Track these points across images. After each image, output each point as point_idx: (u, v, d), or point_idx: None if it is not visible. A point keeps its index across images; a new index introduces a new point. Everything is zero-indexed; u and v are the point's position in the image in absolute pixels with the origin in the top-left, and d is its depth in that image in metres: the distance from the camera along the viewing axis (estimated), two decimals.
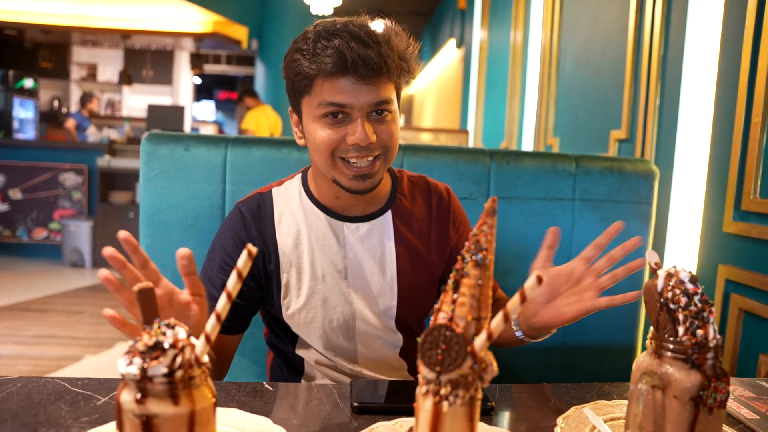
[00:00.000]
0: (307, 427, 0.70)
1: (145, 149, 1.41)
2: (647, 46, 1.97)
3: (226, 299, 0.56)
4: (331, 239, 1.09)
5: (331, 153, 1.00)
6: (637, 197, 1.52)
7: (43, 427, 0.67)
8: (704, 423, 0.62)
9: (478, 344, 0.53)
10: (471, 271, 0.55)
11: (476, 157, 1.50)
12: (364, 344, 1.12)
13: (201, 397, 0.55)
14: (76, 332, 3.76)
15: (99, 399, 0.76)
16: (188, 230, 1.40)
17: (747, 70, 1.43)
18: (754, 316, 1.40)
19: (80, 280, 5.08)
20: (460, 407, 0.54)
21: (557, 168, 1.51)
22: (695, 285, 0.65)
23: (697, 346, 0.62)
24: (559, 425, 0.71)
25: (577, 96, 2.67)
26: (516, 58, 3.71)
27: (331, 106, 0.97)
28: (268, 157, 1.42)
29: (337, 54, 0.93)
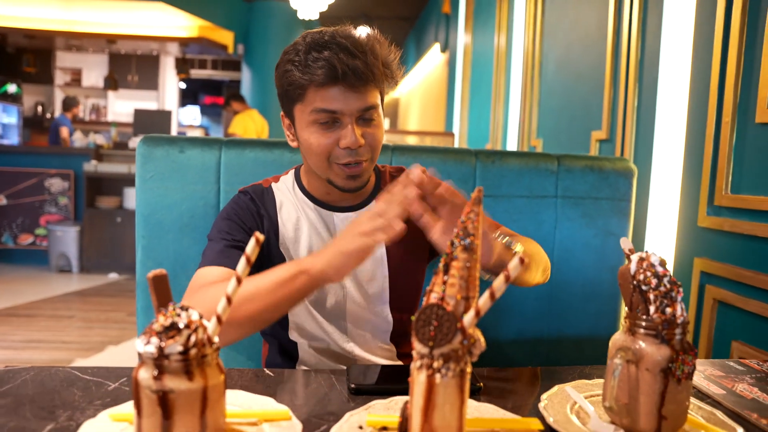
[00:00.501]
0: (308, 407, 0.75)
1: (141, 151, 1.44)
2: (625, 51, 2.05)
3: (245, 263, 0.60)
4: (322, 228, 1.17)
5: (326, 158, 1.08)
6: (616, 194, 1.59)
7: (59, 409, 0.71)
8: (673, 393, 0.68)
9: (467, 321, 0.59)
10: (460, 254, 0.60)
11: (462, 157, 1.56)
12: (355, 324, 1.18)
13: (213, 374, 0.60)
14: (65, 336, 3.76)
15: (109, 385, 0.80)
16: (183, 230, 1.44)
17: (717, 73, 1.51)
18: (726, 305, 1.47)
19: (68, 285, 5.05)
20: (451, 379, 0.59)
21: (540, 167, 1.57)
22: (664, 268, 0.71)
23: (667, 322, 0.68)
24: (543, 401, 0.77)
25: (559, 98, 2.75)
26: (500, 62, 3.78)
27: (323, 113, 1.04)
28: (260, 158, 1.47)
29: (328, 66, 1.01)
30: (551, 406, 0.76)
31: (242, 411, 0.68)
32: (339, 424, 0.66)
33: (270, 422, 0.67)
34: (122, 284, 5.21)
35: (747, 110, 1.41)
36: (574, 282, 1.58)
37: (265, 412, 0.68)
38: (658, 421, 0.68)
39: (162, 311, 0.59)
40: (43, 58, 9.45)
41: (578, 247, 1.58)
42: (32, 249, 5.75)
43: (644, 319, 0.69)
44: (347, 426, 0.66)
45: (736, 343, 1.41)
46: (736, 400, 0.85)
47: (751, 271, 1.37)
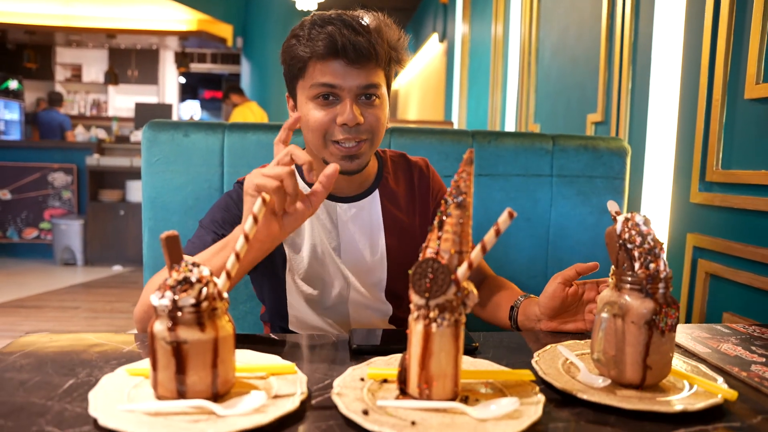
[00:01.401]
0: (313, 365, 0.79)
1: (147, 136, 1.48)
2: (619, 33, 2.07)
3: (244, 241, 0.64)
4: (325, 219, 1.17)
5: (323, 135, 1.07)
6: (610, 173, 1.62)
7: (78, 367, 0.75)
8: (657, 344, 0.72)
9: (460, 273, 0.62)
10: (453, 211, 0.64)
11: (459, 137, 1.59)
12: (357, 313, 1.20)
13: (223, 326, 0.64)
14: (72, 326, 3.81)
15: (124, 348, 0.84)
16: (188, 212, 1.48)
17: (708, 52, 1.54)
18: (718, 278, 1.50)
19: (72, 278, 5.10)
20: (446, 328, 0.63)
21: (535, 146, 1.61)
22: (648, 227, 0.74)
23: (650, 277, 0.72)
24: (534, 358, 0.80)
25: (555, 83, 2.78)
26: (497, 50, 3.81)
27: (322, 87, 1.04)
28: (263, 141, 1.50)
29: (329, 39, 1.01)
30: (543, 361, 0.80)
31: (251, 366, 0.72)
32: (342, 377, 0.70)
33: (277, 376, 0.71)
34: (126, 276, 5.26)
35: (737, 87, 1.45)
36: (569, 259, 1.62)
37: (272, 366, 0.72)
38: (643, 371, 0.72)
39: (175, 267, 0.63)
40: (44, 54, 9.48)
41: (573, 225, 1.61)
42: (37, 243, 5.80)
43: (629, 274, 0.73)
44: (350, 378, 0.70)
45: (727, 314, 1.45)
46: (720, 357, 0.89)
47: (741, 243, 1.41)
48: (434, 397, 0.63)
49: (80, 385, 0.69)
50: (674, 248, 1.70)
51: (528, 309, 1.07)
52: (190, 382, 0.62)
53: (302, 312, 1.19)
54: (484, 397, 0.67)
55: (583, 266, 1.01)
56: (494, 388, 0.70)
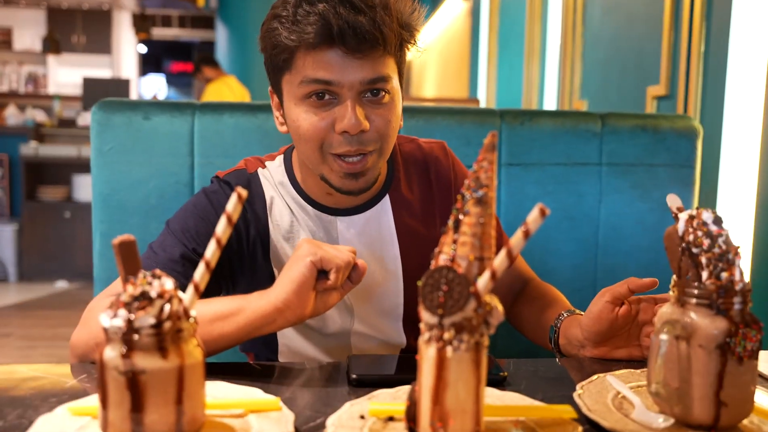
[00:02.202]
0: (302, 399, 0.80)
1: (97, 119, 1.50)
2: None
3: (216, 247, 0.65)
4: (322, 237, 1.16)
5: (319, 146, 1.04)
6: (676, 159, 1.63)
7: (8, 407, 0.77)
8: (734, 374, 0.72)
9: (481, 285, 0.63)
10: (472, 209, 0.65)
11: (484, 118, 1.61)
12: (362, 343, 1.21)
13: (190, 352, 0.65)
14: (2, 357, 3.85)
15: (66, 382, 0.86)
16: (151, 212, 1.50)
17: None
18: None
19: (4, 297, 5.15)
20: (465, 353, 0.64)
21: (580, 128, 1.61)
22: (719, 227, 0.75)
23: (723, 289, 0.72)
24: (577, 391, 0.81)
25: (606, 49, 2.78)
26: (534, 7, 3.82)
27: (314, 83, 1.01)
28: (242, 124, 1.52)
29: (321, 21, 0.97)
30: (588, 395, 0.80)
31: (225, 401, 0.74)
32: (338, 414, 0.72)
33: (257, 413, 0.72)
34: (73, 294, 5.31)
35: None
36: (625, 267, 1.63)
37: (252, 402, 0.73)
38: (716, 408, 0.72)
39: (131, 280, 0.65)
40: None
41: (629, 225, 1.62)
42: None
43: (695, 286, 0.73)
44: (347, 416, 0.71)
45: None
46: None
47: None
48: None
49: (9, 429, 0.71)
50: (761, 255, 1.70)
51: (569, 331, 1.07)
52: (148, 422, 0.64)
53: (295, 341, 1.20)
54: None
55: (638, 282, 1.00)
56: (526, 428, 0.71)
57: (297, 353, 1.20)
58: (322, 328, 1.18)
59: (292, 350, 1.20)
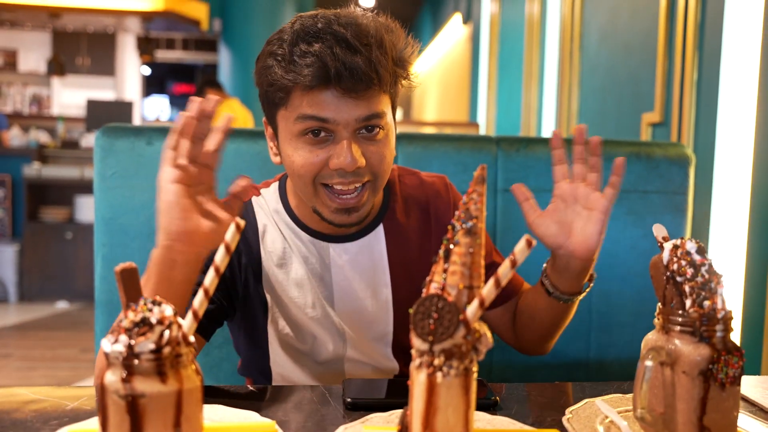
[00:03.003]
0: (297, 422, 0.82)
1: (101, 144, 1.53)
2: (682, 12, 2.12)
3: (214, 275, 0.68)
4: (315, 262, 1.18)
5: (312, 180, 1.06)
6: (669, 186, 1.65)
7: (10, 430, 0.79)
8: (716, 400, 0.74)
9: (470, 313, 0.66)
10: (461, 239, 0.67)
11: (481, 145, 1.63)
12: (355, 370, 1.22)
13: (188, 377, 0.67)
14: (2, 379, 3.85)
15: (67, 404, 0.88)
16: (152, 236, 1.49)
17: None
18: None
19: (3, 318, 5.15)
20: (454, 378, 0.66)
21: None
22: (702, 256, 0.77)
23: (705, 317, 0.75)
24: (566, 416, 0.83)
25: (604, 76, 2.82)
26: (533, 34, 3.87)
27: (310, 120, 1.03)
28: (242, 150, 1.55)
29: (318, 63, 0.98)
30: (576, 419, 0.82)
31: (223, 425, 0.76)
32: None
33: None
34: (74, 315, 5.31)
35: None
36: (620, 292, 1.65)
37: (248, 425, 0.75)
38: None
39: (132, 306, 0.67)
40: None
41: (624, 251, 1.64)
42: None
43: (679, 314, 0.76)
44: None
45: None
46: None
47: None
48: None
49: None
50: (754, 281, 1.72)
51: (555, 262, 1.13)
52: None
53: (287, 369, 1.21)
54: None
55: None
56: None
57: (290, 381, 1.21)
58: (316, 355, 1.19)
59: (286, 378, 1.22)
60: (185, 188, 0.92)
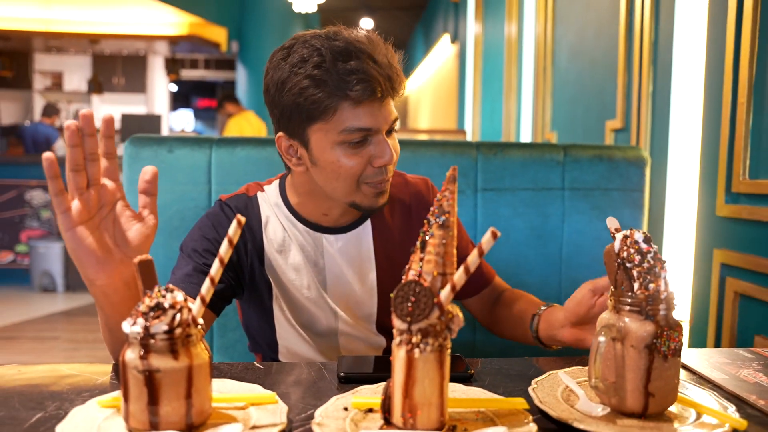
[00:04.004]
0: (296, 394, 0.82)
1: (128, 152, 1.53)
2: (638, 32, 2.12)
3: (219, 265, 0.68)
4: (311, 250, 1.19)
5: (356, 180, 1.07)
6: (628, 185, 1.66)
7: (48, 400, 0.79)
8: (659, 369, 0.74)
9: (443, 296, 0.66)
10: (436, 231, 0.68)
11: (462, 149, 1.64)
12: (348, 344, 1.24)
13: (198, 354, 0.68)
14: (50, 359, 3.86)
15: (98, 379, 0.88)
16: (174, 232, 1.53)
17: (732, 51, 1.57)
18: (748, 298, 1.52)
19: (52, 306, 5.16)
20: (430, 354, 0.66)
21: (545, 158, 1.64)
22: (648, 244, 0.78)
23: (650, 298, 0.75)
24: (532, 386, 0.83)
25: (573, 87, 2.82)
26: (511, 52, 3.87)
27: (358, 132, 1.02)
28: (253, 156, 1.55)
29: (367, 79, 0.99)
30: (540, 389, 0.83)
31: (229, 396, 0.76)
32: (324, 406, 0.74)
33: (257, 406, 0.74)
34: None
35: (763, 89, 1.48)
36: (586, 278, 1.62)
37: (252, 396, 0.76)
38: (645, 399, 0.75)
39: (148, 293, 0.68)
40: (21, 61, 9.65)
41: (589, 242, 1.64)
42: (12, 267, 5.87)
43: (628, 296, 0.76)
44: (332, 408, 0.74)
45: (760, 338, 1.47)
46: (738, 384, 0.91)
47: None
48: (419, 426, 0.67)
49: (48, 419, 0.73)
50: (701, 266, 1.73)
51: (551, 316, 1.10)
52: (163, 413, 0.66)
53: (292, 342, 1.23)
54: (474, 427, 0.70)
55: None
56: (485, 418, 0.73)
57: (294, 353, 1.23)
58: (313, 327, 1.21)
59: (290, 351, 1.23)
60: (86, 226, 0.83)
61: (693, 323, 1.77)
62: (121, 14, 7.52)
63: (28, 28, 7.67)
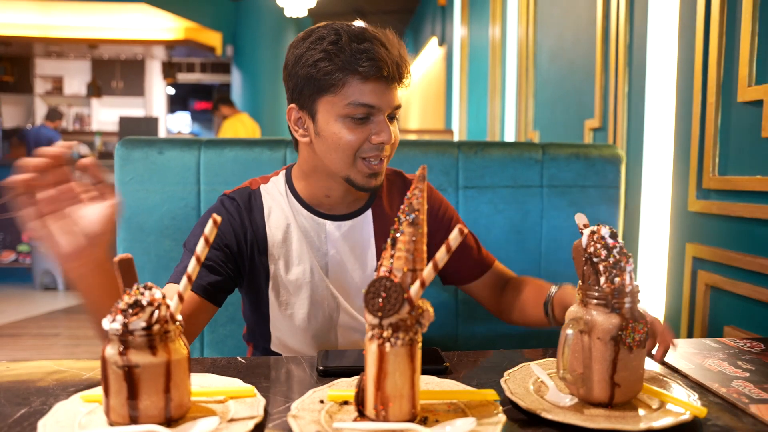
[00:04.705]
0: (276, 388, 0.82)
1: (120, 154, 1.52)
2: (614, 36, 2.12)
3: (196, 263, 0.68)
4: (315, 236, 1.20)
5: (354, 153, 1.09)
6: (604, 182, 1.66)
7: (33, 395, 0.79)
8: (625, 360, 0.75)
9: (413, 291, 0.66)
10: (406, 229, 0.68)
11: (444, 148, 1.63)
12: (345, 337, 1.23)
13: (176, 349, 0.67)
14: (51, 355, 3.84)
15: (84, 374, 0.88)
16: (165, 232, 1.52)
17: (701, 53, 1.58)
18: (718, 289, 1.53)
19: (53, 303, 5.13)
20: (401, 347, 0.66)
21: (524, 156, 1.64)
22: (614, 240, 0.78)
23: (616, 291, 0.75)
24: (504, 377, 0.83)
25: (553, 89, 2.82)
26: (495, 54, 3.86)
27: (362, 107, 1.06)
28: (240, 157, 1.55)
29: (376, 57, 1.04)
30: (512, 380, 0.83)
31: (209, 390, 0.76)
32: (301, 399, 0.74)
33: (235, 399, 0.74)
34: None
35: (730, 90, 1.48)
36: (564, 272, 1.65)
37: (231, 390, 0.75)
38: (611, 389, 0.75)
39: (127, 291, 0.67)
40: (22, 65, 9.57)
41: (567, 237, 1.64)
42: (15, 267, 5.83)
43: (595, 289, 0.76)
44: (309, 401, 0.73)
45: (729, 328, 1.48)
46: (702, 372, 0.91)
47: (740, 253, 1.44)
48: (391, 418, 0.66)
49: (32, 414, 0.73)
50: (674, 259, 1.73)
51: (565, 297, 1.09)
52: (142, 407, 0.66)
53: (285, 333, 1.21)
54: (445, 418, 0.70)
55: None
56: (457, 409, 0.73)
57: (285, 345, 1.22)
58: (311, 319, 1.19)
59: (282, 342, 1.22)
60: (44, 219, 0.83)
61: (667, 315, 1.77)
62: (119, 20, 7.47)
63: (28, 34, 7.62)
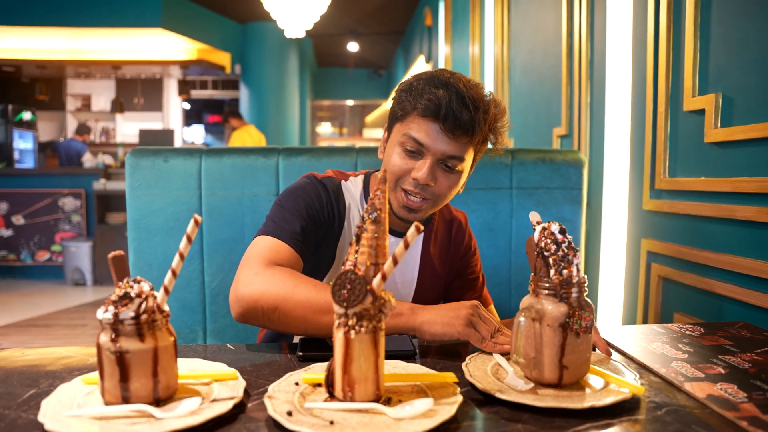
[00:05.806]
0: (258, 372, 0.81)
1: (130, 163, 1.52)
2: (577, 52, 2.12)
3: (179, 259, 0.67)
4: None
5: (396, 179, 1.08)
6: (567, 184, 1.65)
7: (43, 378, 0.78)
8: (572, 345, 0.74)
9: (375, 283, 0.65)
10: (369, 227, 0.67)
11: None
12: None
13: (163, 337, 0.67)
14: (79, 343, 3.82)
15: (89, 359, 0.87)
16: (169, 232, 1.51)
17: (651, 67, 1.58)
18: (669, 280, 1.52)
19: (82, 297, 5.13)
20: (365, 335, 0.66)
21: (495, 161, 1.64)
22: (563, 235, 0.77)
23: (564, 282, 0.75)
24: (465, 362, 0.83)
25: (525, 100, 2.82)
26: (475, 69, 3.86)
27: (412, 141, 1.05)
28: (237, 164, 1.54)
29: (436, 101, 1.02)
30: (472, 364, 0.82)
31: (196, 373, 0.75)
32: (278, 382, 0.73)
33: (219, 382, 0.73)
34: None
35: (677, 100, 1.48)
36: None
37: (216, 373, 0.75)
38: (560, 371, 0.74)
39: (118, 284, 0.66)
40: (55, 86, 9.58)
41: None
42: (49, 265, 5.83)
43: (545, 281, 0.76)
44: (285, 383, 0.73)
45: (678, 315, 1.47)
46: (647, 355, 0.91)
47: (687, 247, 1.43)
48: (357, 398, 0.66)
49: (39, 395, 0.72)
50: (631, 254, 1.73)
51: None
52: (133, 389, 0.65)
53: None
54: (408, 398, 0.69)
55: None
56: (419, 390, 0.72)
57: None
58: None
59: None
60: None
61: (625, 304, 1.77)
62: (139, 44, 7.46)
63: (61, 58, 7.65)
